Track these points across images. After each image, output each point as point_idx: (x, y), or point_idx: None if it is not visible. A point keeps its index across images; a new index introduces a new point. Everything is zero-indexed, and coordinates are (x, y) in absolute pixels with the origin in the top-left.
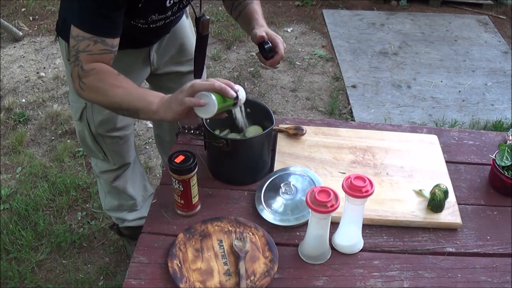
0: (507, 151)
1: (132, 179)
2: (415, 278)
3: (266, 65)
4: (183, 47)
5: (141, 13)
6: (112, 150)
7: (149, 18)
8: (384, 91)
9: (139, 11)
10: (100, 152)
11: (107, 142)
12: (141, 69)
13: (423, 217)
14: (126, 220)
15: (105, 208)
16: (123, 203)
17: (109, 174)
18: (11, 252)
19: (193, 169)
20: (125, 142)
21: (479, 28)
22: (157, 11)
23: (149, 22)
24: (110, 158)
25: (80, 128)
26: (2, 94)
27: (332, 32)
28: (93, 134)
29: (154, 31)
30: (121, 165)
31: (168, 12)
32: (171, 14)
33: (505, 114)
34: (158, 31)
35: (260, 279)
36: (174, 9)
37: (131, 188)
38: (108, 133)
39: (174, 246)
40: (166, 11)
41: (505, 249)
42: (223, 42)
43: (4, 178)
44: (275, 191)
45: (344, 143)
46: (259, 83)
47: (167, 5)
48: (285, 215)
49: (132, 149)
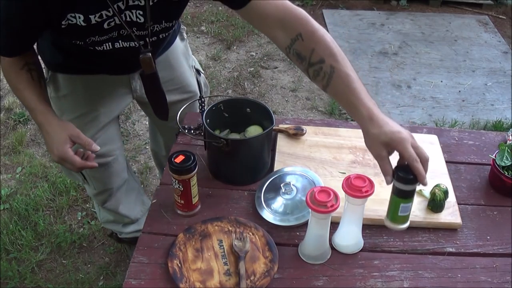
0: (507, 151)
1: (126, 199)
2: (415, 278)
3: None
4: (171, 75)
5: (70, 35)
6: (91, 176)
7: (87, 39)
8: (384, 91)
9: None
10: (80, 175)
11: None
12: (121, 96)
13: (423, 217)
14: (123, 232)
15: (101, 221)
16: (118, 219)
17: (96, 198)
18: (11, 252)
19: (193, 169)
20: (106, 169)
21: (479, 28)
22: (95, 33)
23: (89, 44)
24: (90, 183)
25: None
26: (2, 94)
27: (332, 32)
28: None
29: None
30: (102, 190)
31: (111, 33)
32: (118, 36)
33: (505, 114)
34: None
35: (260, 279)
36: (122, 32)
37: (125, 209)
38: None
39: (174, 246)
40: (106, 32)
41: (505, 249)
42: (223, 42)
43: (4, 178)
44: (275, 191)
45: (344, 143)
46: (259, 83)
47: (105, 27)
48: (285, 215)
49: (115, 176)
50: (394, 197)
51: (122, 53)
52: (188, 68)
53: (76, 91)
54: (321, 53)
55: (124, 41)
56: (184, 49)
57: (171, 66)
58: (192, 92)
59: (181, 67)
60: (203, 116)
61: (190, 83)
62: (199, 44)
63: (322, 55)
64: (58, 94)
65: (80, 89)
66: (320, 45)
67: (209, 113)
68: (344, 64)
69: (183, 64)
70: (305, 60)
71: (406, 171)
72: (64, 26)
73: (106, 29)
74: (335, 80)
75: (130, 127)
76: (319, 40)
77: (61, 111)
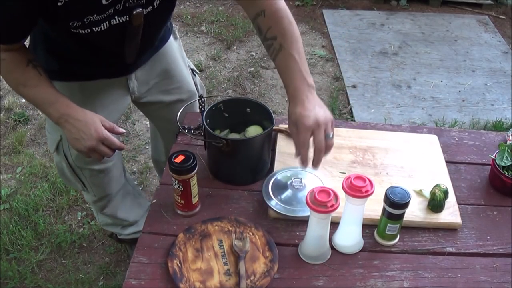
0: (507, 151)
1: (123, 203)
2: (415, 278)
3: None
4: (168, 73)
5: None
6: (91, 182)
7: (85, 19)
8: (384, 91)
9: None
10: (79, 182)
11: (86, 174)
12: (119, 99)
13: (423, 217)
14: (122, 234)
15: (100, 224)
16: (117, 223)
17: (95, 205)
18: (11, 252)
19: (193, 169)
20: (106, 174)
21: (479, 28)
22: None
23: (87, 24)
24: (90, 190)
25: (58, 160)
26: (2, 94)
27: (332, 32)
28: (71, 166)
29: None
30: (101, 196)
31: (108, 10)
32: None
33: (505, 114)
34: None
35: (260, 279)
36: (118, 7)
37: (123, 213)
38: (87, 165)
39: (174, 246)
40: (104, 9)
41: (505, 249)
42: (223, 42)
43: (4, 178)
44: (282, 186)
45: (344, 143)
46: (259, 83)
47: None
48: (293, 206)
49: (114, 181)
50: (383, 217)
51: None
52: (185, 67)
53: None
54: (275, 31)
55: (119, 16)
56: (179, 48)
57: (168, 64)
58: (190, 92)
59: (179, 65)
60: (203, 116)
61: (188, 82)
62: (199, 44)
63: (276, 33)
64: None
65: (78, 96)
66: (277, 24)
67: (209, 113)
68: (291, 45)
69: (179, 62)
70: (262, 34)
71: (396, 196)
72: (60, 4)
73: (104, 5)
74: (279, 57)
75: (130, 127)
76: (277, 20)
77: None
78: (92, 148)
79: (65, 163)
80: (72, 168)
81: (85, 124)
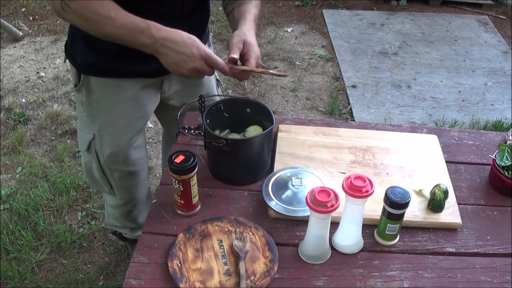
0: (507, 151)
1: (144, 210)
2: (415, 278)
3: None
4: (201, 79)
5: None
6: (119, 185)
7: None
8: (384, 91)
9: None
10: (107, 185)
11: (115, 176)
12: (151, 98)
13: (423, 217)
14: (128, 234)
15: (108, 224)
16: (127, 226)
17: (120, 209)
18: (11, 252)
19: (193, 169)
20: (135, 177)
21: (479, 28)
22: None
23: None
24: (117, 193)
25: (87, 159)
26: (2, 94)
27: (332, 32)
28: (101, 166)
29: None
30: (127, 200)
31: None
32: None
33: (505, 114)
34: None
35: (260, 279)
36: None
37: (142, 218)
38: (118, 166)
39: (174, 246)
40: None
41: (505, 249)
42: (223, 42)
43: (4, 178)
44: (282, 186)
45: (344, 143)
46: (259, 83)
47: None
48: (293, 206)
49: (140, 184)
50: (383, 217)
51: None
52: (214, 76)
53: (109, 95)
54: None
55: None
56: None
57: None
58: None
59: None
60: (203, 116)
61: (214, 92)
62: None
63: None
64: (91, 98)
65: (113, 93)
66: None
67: (209, 113)
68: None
69: None
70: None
71: (396, 196)
72: None
73: None
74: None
75: None
76: None
77: (93, 116)
78: (196, 69)
79: (96, 163)
80: (102, 169)
81: (184, 45)
